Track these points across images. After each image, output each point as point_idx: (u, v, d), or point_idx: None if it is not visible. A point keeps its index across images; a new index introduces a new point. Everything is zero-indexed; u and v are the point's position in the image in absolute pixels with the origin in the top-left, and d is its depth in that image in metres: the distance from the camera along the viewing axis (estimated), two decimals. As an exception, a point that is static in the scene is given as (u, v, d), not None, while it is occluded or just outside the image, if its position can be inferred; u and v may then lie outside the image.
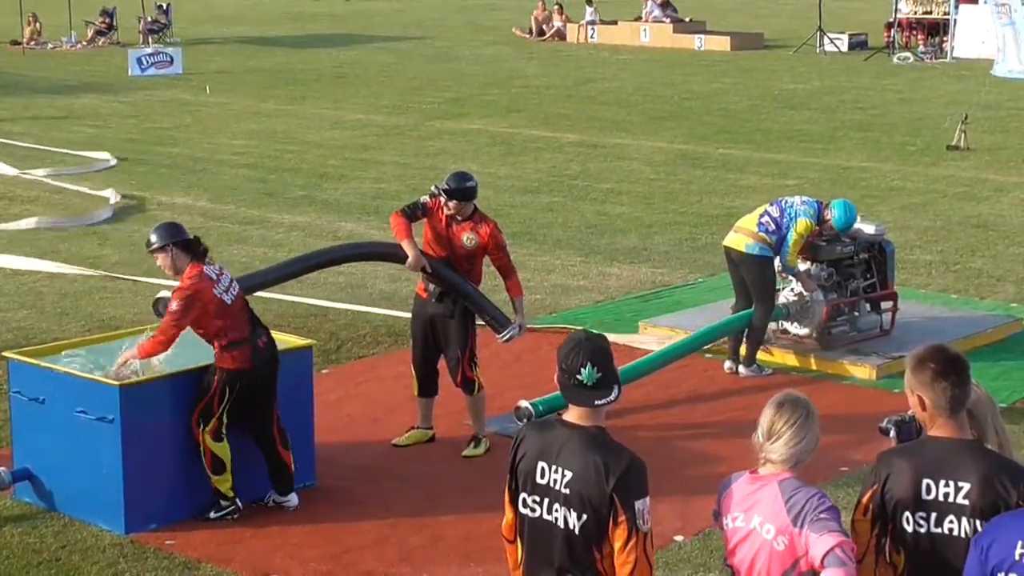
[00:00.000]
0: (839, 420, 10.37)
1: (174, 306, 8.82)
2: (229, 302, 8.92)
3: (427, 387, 10.47)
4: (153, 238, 9.02)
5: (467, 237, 10.15)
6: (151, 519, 8.98)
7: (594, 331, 5.57)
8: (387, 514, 9.27)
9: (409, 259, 10.10)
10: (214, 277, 8.94)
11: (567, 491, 5.32)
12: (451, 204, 10.06)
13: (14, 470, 9.40)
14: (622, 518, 5.23)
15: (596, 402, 5.35)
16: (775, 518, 5.19)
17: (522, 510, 5.48)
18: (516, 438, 5.57)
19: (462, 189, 10.05)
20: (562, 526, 5.35)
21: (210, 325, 8.91)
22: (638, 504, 5.24)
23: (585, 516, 5.29)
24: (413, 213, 10.16)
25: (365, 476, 9.95)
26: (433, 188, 10.23)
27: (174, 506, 9.08)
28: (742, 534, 5.29)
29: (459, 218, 10.15)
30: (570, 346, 5.40)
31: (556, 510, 5.36)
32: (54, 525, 9.08)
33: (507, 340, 10.49)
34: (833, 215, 12.07)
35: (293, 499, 9.31)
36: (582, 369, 5.31)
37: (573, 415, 5.41)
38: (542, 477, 5.39)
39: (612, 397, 5.35)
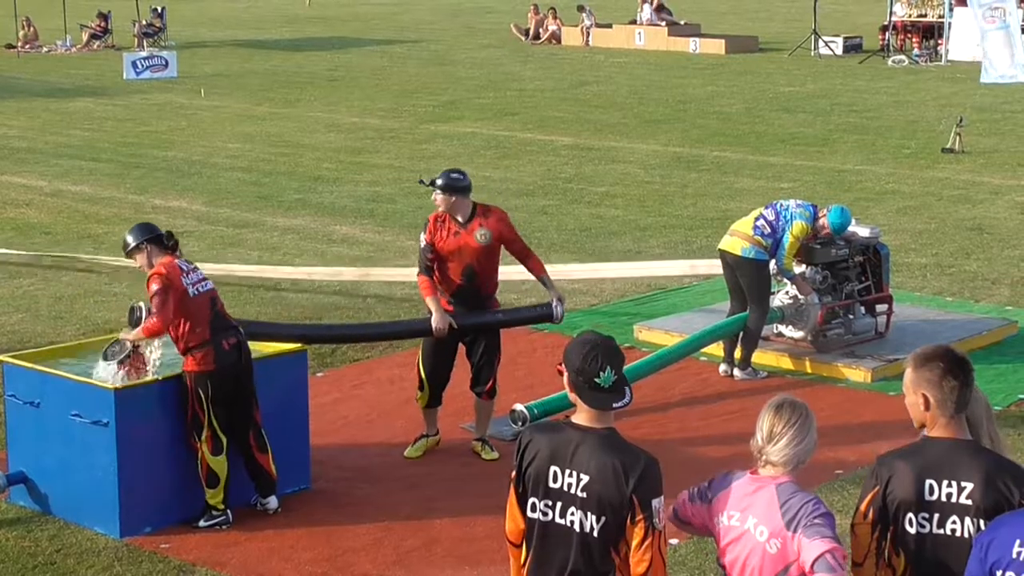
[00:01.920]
0: (834, 423, 10.37)
1: (154, 288, 8.88)
2: (192, 295, 8.95)
3: (438, 398, 10.42)
4: (129, 239, 9.18)
5: (480, 234, 10.02)
6: (146, 522, 8.97)
7: (601, 333, 5.55)
8: (382, 516, 9.26)
9: (435, 322, 9.98)
10: (184, 269, 9.04)
11: (584, 494, 5.31)
12: (439, 198, 9.97)
13: (9, 474, 9.40)
14: (640, 517, 5.26)
15: (614, 405, 5.36)
16: (769, 521, 5.21)
17: (531, 515, 5.45)
18: (521, 442, 5.52)
19: (449, 182, 9.98)
20: (578, 529, 5.34)
21: (175, 318, 8.93)
22: (655, 503, 5.27)
23: (604, 518, 5.30)
24: (426, 261, 10.02)
25: (360, 479, 9.94)
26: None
27: (169, 510, 9.07)
28: (735, 534, 5.31)
29: (461, 220, 10.06)
30: (586, 348, 5.36)
31: (572, 514, 5.35)
32: (49, 529, 9.08)
33: (561, 319, 10.54)
34: (828, 218, 12.11)
35: (273, 502, 9.29)
36: (601, 372, 5.31)
37: (583, 417, 5.39)
38: (555, 481, 5.37)
39: (627, 400, 5.40)
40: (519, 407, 10.18)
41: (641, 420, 10.94)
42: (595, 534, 5.32)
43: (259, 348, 9.54)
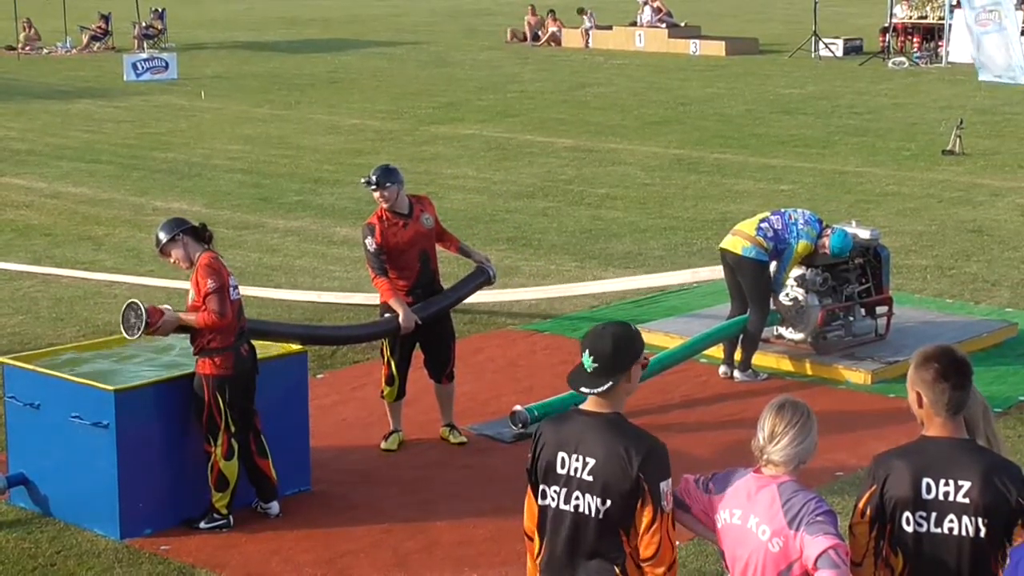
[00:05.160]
0: (834, 425, 10.36)
1: (211, 285, 8.77)
2: (233, 297, 8.95)
3: (404, 390, 10.57)
4: (161, 235, 9.05)
5: (424, 219, 10.39)
6: (146, 524, 8.97)
7: (622, 323, 5.63)
8: (382, 519, 9.26)
9: (402, 320, 10.17)
10: (229, 270, 9.02)
11: (591, 478, 5.38)
12: (387, 193, 10.25)
13: (9, 475, 9.40)
14: (648, 500, 5.32)
15: (582, 389, 5.43)
16: (772, 520, 5.22)
17: (542, 502, 5.54)
18: (535, 434, 5.65)
19: (391, 175, 10.31)
20: (585, 513, 5.41)
21: None
22: (663, 486, 5.34)
23: (610, 502, 5.36)
24: (381, 264, 10.27)
25: (360, 481, 9.94)
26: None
27: (169, 511, 9.06)
28: (737, 532, 5.33)
29: (403, 212, 10.30)
30: (590, 330, 5.53)
31: (577, 498, 5.42)
32: (49, 530, 9.07)
33: (496, 276, 10.96)
34: (830, 241, 12.07)
35: (274, 507, 9.28)
36: (583, 354, 5.43)
37: (591, 404, 5.48)
38: (563, 467, 5.45)
39: (599, 389, 5.41)
40: (519, 408, 10.19)
41: (642, 422, 10.83)
42: (600, 517, 5.38)
43: (259, 350, 9.53)
